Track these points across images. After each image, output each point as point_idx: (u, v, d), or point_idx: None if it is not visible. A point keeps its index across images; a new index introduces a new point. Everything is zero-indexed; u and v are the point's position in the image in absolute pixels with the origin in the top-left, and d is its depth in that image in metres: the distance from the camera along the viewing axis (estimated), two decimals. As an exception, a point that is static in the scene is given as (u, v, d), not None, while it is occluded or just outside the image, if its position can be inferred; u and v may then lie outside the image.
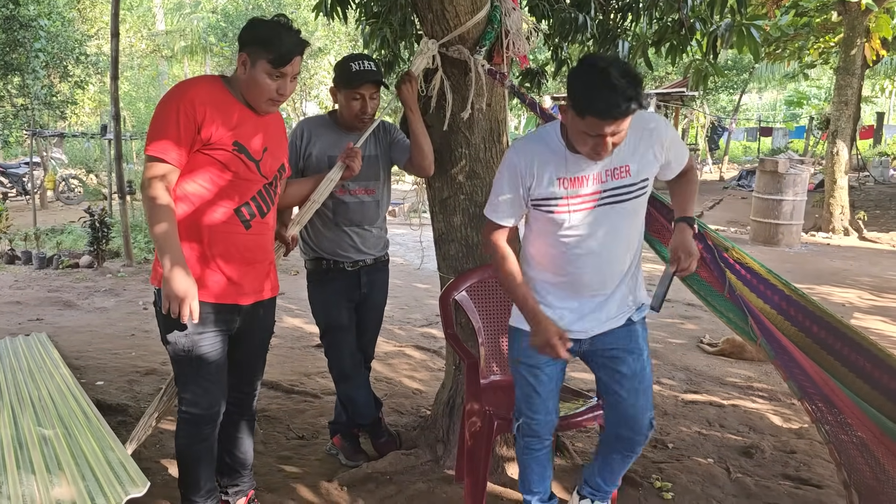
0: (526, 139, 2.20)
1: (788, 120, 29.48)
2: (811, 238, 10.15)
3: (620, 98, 1.79)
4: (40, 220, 9.65)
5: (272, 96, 2.17)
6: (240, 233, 2.21)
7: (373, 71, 2.70)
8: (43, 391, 3.34)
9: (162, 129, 2.07)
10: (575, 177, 2.06)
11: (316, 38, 12.97)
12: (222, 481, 2.52)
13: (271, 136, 2.28)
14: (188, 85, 2.17)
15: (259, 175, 2.22)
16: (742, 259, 2.40)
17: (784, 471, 3.03)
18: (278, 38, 2.12)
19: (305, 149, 2.78)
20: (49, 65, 10.59)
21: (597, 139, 1.88)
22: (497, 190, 2.16)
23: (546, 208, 2.10)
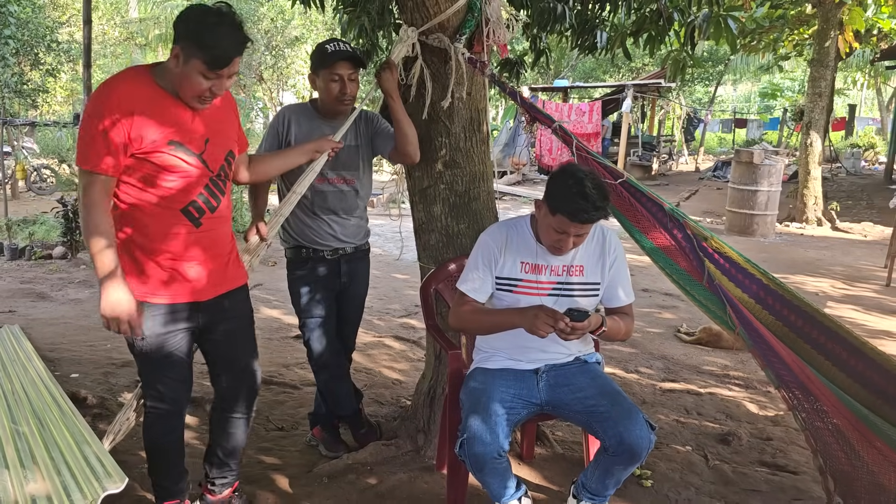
0: (499, 224, 2.50)
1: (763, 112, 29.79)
2: (785, 228, 10.28)
3: (590, 206, 2.10)
4: (11, 211, 9.46)
5: (203, 95, 2.02)
6: (190, 232, 2.15)
7: (349, 50, 2.68)
8: (16, 384, 3.28)
9: (90, 139, 1.97)
10: (537, 264, 2.35)
11: (293, 28, 12.83)
12: (211, 472, 2.49)
13: (213, 123, 2.16)
14: (111, 88, 2.00)
15: (204, 168, 2.13)
16: (720, 248, 2.42)
17: (760, 458, 3.07)
18: (216, 37, 1.94)
19: (286, 135, 2.75)
20: (19, 52, 10.39)
21: (562, 236, 2.19)
22: (471, 265, 2.40)
23: (507, 288, 2.36)
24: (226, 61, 1.98)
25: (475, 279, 2.38)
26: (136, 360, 2.27)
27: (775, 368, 2.34)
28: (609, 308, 2.47)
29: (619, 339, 2.47)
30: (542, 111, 2.68)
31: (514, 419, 2.25)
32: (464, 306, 2.38)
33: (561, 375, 2.37)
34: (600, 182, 2.18)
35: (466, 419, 2.17)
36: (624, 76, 23.56)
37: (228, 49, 1.97)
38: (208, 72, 1.97)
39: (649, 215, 2.48)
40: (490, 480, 2.22)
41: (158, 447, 2.37)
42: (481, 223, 2.86)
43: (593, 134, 15.27)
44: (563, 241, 2.21)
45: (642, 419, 2.15)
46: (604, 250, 2.40)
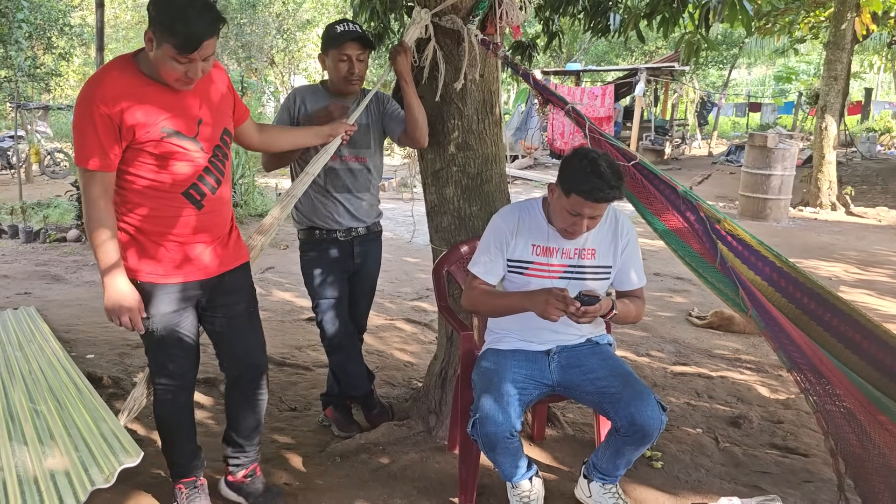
0: (511, 206, 2.47)
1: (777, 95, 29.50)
2: (799, 213, 10.22)
3: (605, 185, 2.10)
4: (26, 194, 9.55)
5: (181, 78, 1.98)
6: (194, 214, 2.16)
7: (357, 31, 2.69)
8: (34, 364, 3.33)
9: (83, 138, 1.97)
10: (549, 247, 2.35)
11: (304, 11, 12.79)
12: (226, 451, 2.52)
13: (204, 102, 2.13)
14: (97, 84, 1.98)
15: (200, 151, 2.12)
16: (734, 231, 2.41)
17: (771, 440, 3.07)
18: (184, 20, 1.87)
19: (297, 115, 2.77)
20: (32, 36, 10.42)
21: (576, 218, 2.19)
22: (483, 249, 2.41)
23: (518, 270, 2.37)
24: (195, 44, 1.92)
25: (486, 261, 2.38)
26: (143, 339, 2.29)
27: (787, 351, 2.34)
28: (620, 291, 2.47)
29: (629, 321, 2.47)
30: (555, 93, 2.67)
31: (526, 399, 2.26)
32: (475, 288, 2.39)
33: (572, 357, 2.38)
34: (614, 162, 2.19)
35: (479, 399, 2.18)
36: (637, 59, 23.37)
37: (198, 32, 1.91)
38: (179, 56, 1.92)
39: (662, 198, 2.47)
40: (502, 460, 2.24)
41: (169, 424, 2.41)
42: (493, 205, 2.86)
43: (605, 118, 15.17)
44: (577, 223, 2.20)
45: (653, 400, 2.16)
46: (616, 233, 2.40)
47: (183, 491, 2.39)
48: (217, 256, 2.25)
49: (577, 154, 2.19)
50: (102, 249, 2.03)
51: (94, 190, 2.01)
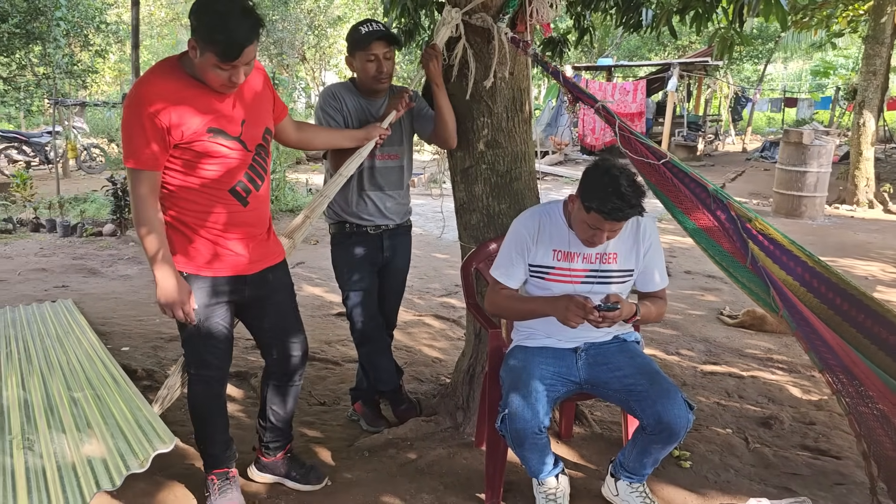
0: (532, 211, 2.47)
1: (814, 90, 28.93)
2: (835, 210, 10.03)
3: (625, 205, 2.09)
4: (63, 189, 9.74)
5: (224, 83, 2.05)
6: (240, 211, 2.24)
7: (383, 30, 2.71)
8: (71, 356, 3.41)
9: (131, 138, 2.05)
10: (570, 252, 2.35)
11: (335, 7, 12.86)
12: (265, 436, 2.60)
13: (247, 103, 2.21)
14: (145, 85, 2.06)
15: (244, 150, 2.20)
16: (765, 230, 2.38)
17: (803, 441, 3.04)
18: (225, 29, 1.93)
19: (342, 109, 2.79)
20: (70, 33, 10.62)
21: (595, 231, 2.20)
22: (504, 254, 2.42)
23: (539, 275, 2.38)
24: (237, 52, 1.98)
25: (508, 266, 2.40)
26: (181, 330, 2.37)
27: (819, 352, 2.31)
28: (643, 292, 2.47)
29: (651, 321, 2.47)
30: (585, 91, 2.66)
31: (554, 396, 2.27)
32: (498, 293, 2.42)
33: (600, 354, 2.38)
34: (635, 179, 2.17)
35: (507, 396, 2.19)
36: (670, 54, 23.10)
37: (239, 40, 1.96)
38: (222, 63, 1.99)
39: (692, 196, 2.45)
40: (529, 456, 2.25)
41: (203, 414, 2.48)
42: (522, 203, 2.87)
43: (637, 114, 15.03)
44: (597, 236, 2.22)
45: (681, 398, 2.16)
46: (638, 238, 2.39)
47: (215, 482, 2.45)
48: (257, 253, 2.34)
49: (598, 169, 2.19)
50: (151, 246, 2.10)
51: (142, 188, 2.08)
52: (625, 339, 2.45)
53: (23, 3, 9.42)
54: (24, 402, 2.80)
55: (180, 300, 2.16)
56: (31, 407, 2.74)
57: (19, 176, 9.32)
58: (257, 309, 2.43)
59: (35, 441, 2.39)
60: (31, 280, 5.77)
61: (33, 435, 2.44)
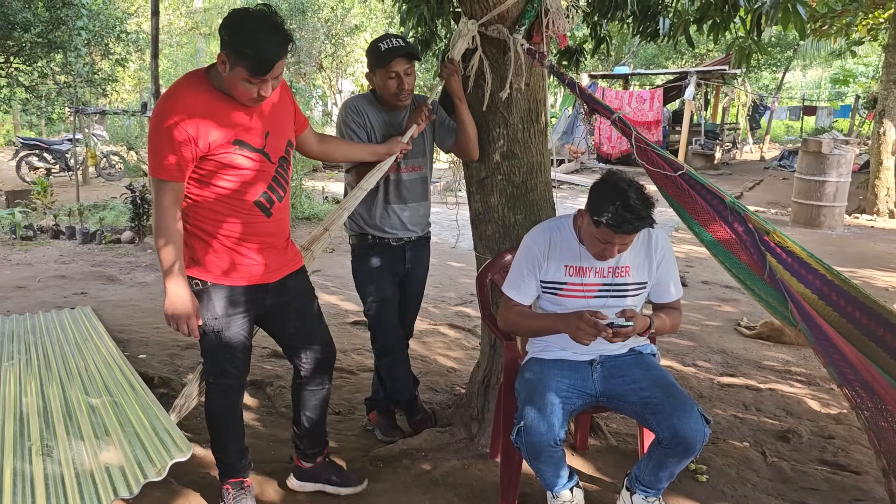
0: (542, 227, 2.47)
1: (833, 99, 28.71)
2: (854, 220, 9.92)
3: (634, 217, 2.09)
4: (83, 196, 9.85)
5: (253, 97, 2.09)
6: (263, 222, 2.27)
7: (402, 46, 2.71)
8: (90, 363, 3.45)
9: (158, 149, 2.08)
10: (581, 266, 2.35)
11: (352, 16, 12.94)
12: (301, 443, 2.63)
13: (270, 116, 2.25)
14: (173, 99, 2.09)
15: (268, 162, 2.23)
16: (783, 242, 2.36)
17: (821, 456, 3.01)
18: (256, 44, 1.98)
19: (365, 124, 2.79)
20: (91, 43, 10.75)
21: (606, 245, 2.19)
22: (515, 270, 2.42)
23: (552, 291, 2.37)
24: (267, 67, 2.02)
25: (519, 283, 2.41)
26: (201, 339, 2.38)
27: (838, 366, 2.29)
28: (657, 304, 2.46)
29: (666, 333, 2.46)
30: (602, 102, 2.65)
31: (569, 409, 2.26)
32: (510, 309, 2.42)
33: (616, 367, 2.37)
34: (643, 191, 2.17)
35: (522, 408, 2.19)
36: (687, 62, 23.02)
37: (269, 55, 2.01)
38: (252, 77, 2.03)
39: (709, 208, 2.43)
40: (544, 469, 2.24)
41: (220, 422, 2.50)
42: (538, 214, 2.87)
43: (654, 122, 14.98)
44: (607, 249, 2.22)
45: (697, 412, 2.14)
46: (650, 250, 2.39)
47: (230, 491, 2.46)
48: (277, 262, 2.36)
49: (606, 183, 2.19)
50: (167, 257, 2.13)
51: (165, 199, 2.11)
52: (640, 352, 2.44)
53: (45, 13, 9.54)
54: (43, 408, 2.83)
55: (187, 314, 2.19)
56: (51, 413, 2.77)
57: (40, 183, 9.44)
58: (280, 315, 2.45)
59: (54, 448, 2.41)
60: (50, 287, 5.83)
61: (52, 441, 2.47)
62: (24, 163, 12.79)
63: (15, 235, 7.77)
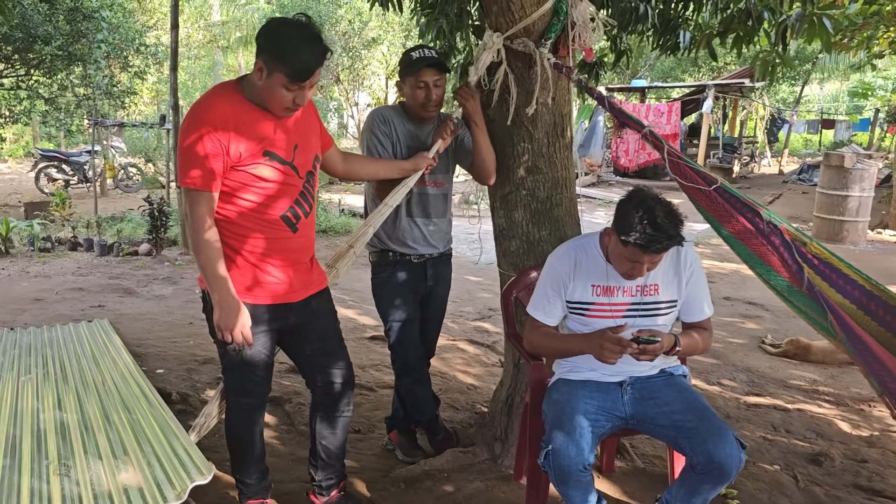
0: (567, 246, 2.40)
1: (852, 112, 28.45)
2: (877, 236, 9.77)
3: (663, 236, 2.03)
4: (100, 208, 9.90)
5: (288, 106, 2.08)
6: (289, 238, 2.23)
7: (432, 56, 2.68)
8: (107, 377, 3.41)
9: (191, 159, 2.04)
10: (609, 286, 2.28)
11: (370, 29, 12.97)
12: (316, 475, 2.56)
13: (299, 128, 2.22)
14: (205, 108, 2.07)
15: (297, 176, 2.20)
16: (821, 254, 2.30)
17: (855, 480, 2.91)
18: (296, 51, 1.98)
19: (391, 135, 2.76)
20: (110, 55, 10.83)
21: (635, 264, 2.13)
22: (540, 292, 2.37)
23: (579, 312, 2.31)
24: (307, 74, 2.02)
25: (544, 304, 2.36)
26: (221, 357, 2.34)
27: (879, 376, 2.22)
28: (687, 322, 2.39)
29: (694, 354, 2.39)
30: (632, 116, 2.60)
31: (599, 432, 2.19)
32: (535, 330, 2.37)
33: (646, 388, 2.30)
34: (671, 208, 2.10)
35: (551, 431, 2.12)
36: (704, 75, 22.91)
37: (309, 62, 2.01)
38: (291, 84, 2.02)
39: (745, 221, 2.38)
40: (572, 493, 2.17)
41: (241, 441, 2.46)
42: (563, 230, 2.81)
43: (671, 135, 14.86)
44: (636, 268, 2.15)
45: (732, 437, 2.07)
46: (679, 267, 2.32)
47: (250, 513, 2.40)
48: (301, 280, 2.31)
49: (633, 200, 2.12)
50: (211, 267, 2.09)
51: (201, 210, 2.07)
52: (671, 373, 2.37)
53: (65, 26, 9.62)
54: (60, 424, 2.79)
55: (241, 323, 2.13)
56: (68, 430, 2.73)
57: (58, 195, 9.49)
58: (300, 336, 2.40)
59: (71, 467, 2.37)
60: (68, 300, 5.83)
61: (69, 460, 2.42)
62: (42, 174, 12.90)
63: (33, 247, 7.80)
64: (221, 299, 2.11)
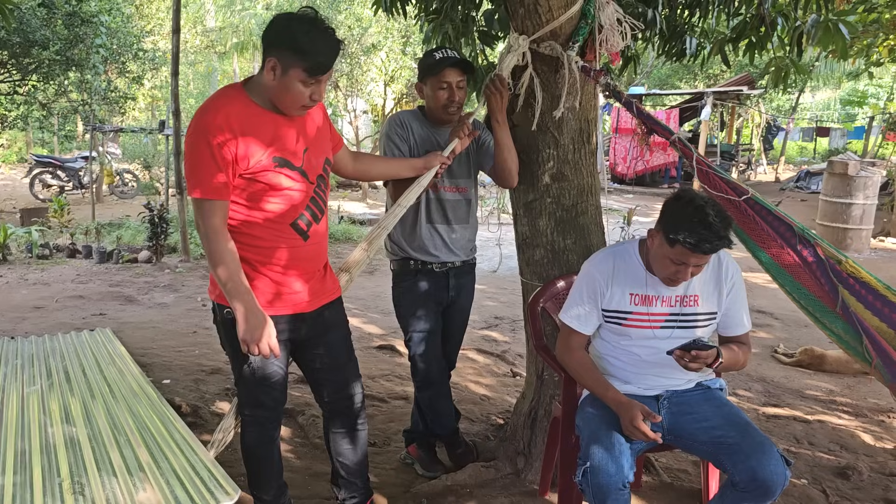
0: (605, 253, 2.33)
1: (845, 120, 28.58)
2: (880, 244, 9.76)
3: (713, 236, 1.96)
4: (97, 214, 9.79)
5: (305, 103, 2.00)
6: (300, 245, 2.14)
7: (457, 57, 2.61)
8: (114, 387, 3.32)
9: (199, 167, 1.95)
10: (647, 295, 2.21)
11: (369, 35, 12.90)
12: (339, 494, 2.47)
13: (308, 131, 2.13)
14: (211, 114, 1.96)
15: (307, 182, 2.11)
16: (856, 273, 2.23)
17: (885, 495, 2.85)
18: (313, 43, 1.91)
19: (408, 138, 2.69)
20: (108, 60, 10.74)
21: (679, 267, 2.06)
22: (575, 299, 2.29)
23: (615, 321, 2.24)
24: (326, 67, 1.95)
25: (580, 313, 2.27)
26: (236, 369, 2.26)
27: None
28: (724, 336, 2.31)
29: (734, 370, 2.31)
30: (660, 122, 2.54)
31: (637, 448, 2.12)
32: (571, 351, 2.29)
33: (684, 403, 2.23)
34: (721, 209, 2.05)
35: (588, 447, 2.05)
36: (700, 83, 22.95)
37: (328, 53, 1.94)
38: (308, 79, 1.94)
39: (776, 234, 2.31)
40: None
41: (258, 457, 2.37)
42: (589, 239, 2.75)
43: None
44: (681, 272, 2.07)
45: (777, 453, 2.00)
46: (720, 277, 2.24)
47: (270, 531, 2.32)
48: (314, 290, 2.23)
49: (681, 199, 2.07)
50: (232, 279, 1.99)
51: (215, 220, 1.97)
52: (709, 386, 2.30)
53: (64, 31, 9.54)
54: (70, 438, 2.70)
55: (268, 334, 2.02)
56: (79, 445, 2.63)
57: (57, 202, 9.38)
58: (311, 347, 2.32)
59: (86, 485, 2.27)
60: (68, 307, 5.73)
61: (83, 478, 2.33)
62: (37, 180, 12.76)
63: (31, 254, 7.69)
64: (247, 311, 2.00)
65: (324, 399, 2.40)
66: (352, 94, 14.34)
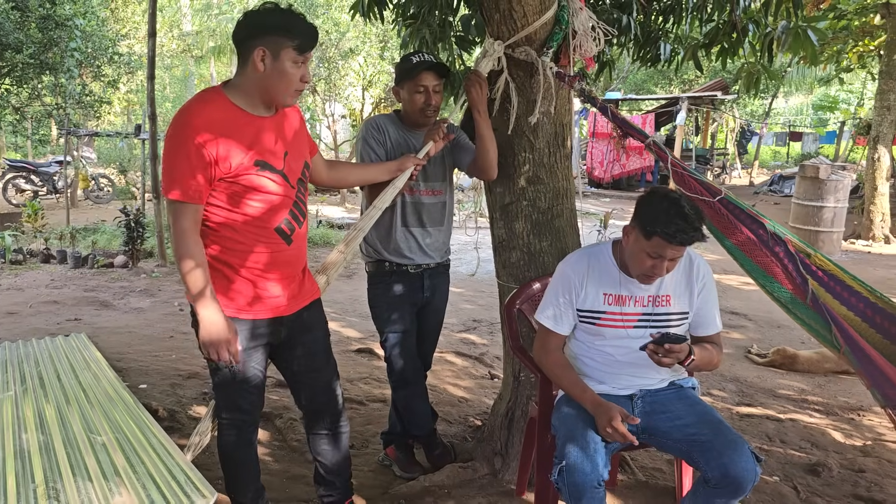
0: (579, 253, 2.36)
1: (818, 125, 29.04)
2: (850, 246, 9.94)
3: (689, 227, 2.02)
4: (71, 219, 9.69)
5: (298, 87, 2.03)
6: (283, 249, 2.15)
7: (432, 61, 2.64)
8: (90, 394, 3.29)
9: (174, 169, 1.95)
10: (621, 295, 2.25)
11: (347, 40, 12.91)
12: (318, 491, 2.48)
13: (287, 134, 2.15)
14: (191, 115, 1.96)
15: (288, 185, 2.12)
16: (824, 265, 2.30)
17: (854, 490, 2.91)
18: (295, 21, 1.98)
19: (385, 142, 2.71)
20: (83, 64, 10.64)
21: (656, 261, 2.09)
22: (550, 299, 2.32)
23: (589, 321, 2.27)
24: (312, 43, 2.02)
25: (555, 313, 2.30)
26: (213, 373, 2.25)
27: (882, 388, 2.22)
28: (696, 336, 2.35)
29: (707, 369, 2.35)
30: (636, 126, 2.59)
31: (612, 447, 2.15)
32: (548, 354, 2.31)
33: (657, 402, 2.27)
34: (694, 203, 2.11)
35: (564, 446, 2.08)
36: (675, 88, 23.22)
37: (311, 27, 2.01)
38: (299, 57, 1.99)
39: (749, 232, 2.37)
40: None
41: (235, 460, 2.37)
42: (564, 241, 2.78)
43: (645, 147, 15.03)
44: (657, 266, 2.10)
45: (748, 450, 2.04)
46: (691, 277, 2.29)
47: (248, 534, 2.32)
48: (293, 293, 2.24)
49: (656, 194, 2.11)
50: (195, 282, 1.98)
51: (185, 222, 1.97)
52: (682, 386, 2.34)
53: (38, 34, 9.44)
54: (45, 444, 2.68)
55: (227, 339, 2.03)
56: (53, 450, 2.61)
57: (31, 206, 9.26)
58: (289, 349, 2.32)
59: (61, 490, 2.26)
60: (42, 313, 5.67)
61: (58, 483, 2.31)
62: (10, 185, 12.60)
63: (4, 259, 7.59)
64: (207, 316, 2.00)
65: (302, 402, 2.41)
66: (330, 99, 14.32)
